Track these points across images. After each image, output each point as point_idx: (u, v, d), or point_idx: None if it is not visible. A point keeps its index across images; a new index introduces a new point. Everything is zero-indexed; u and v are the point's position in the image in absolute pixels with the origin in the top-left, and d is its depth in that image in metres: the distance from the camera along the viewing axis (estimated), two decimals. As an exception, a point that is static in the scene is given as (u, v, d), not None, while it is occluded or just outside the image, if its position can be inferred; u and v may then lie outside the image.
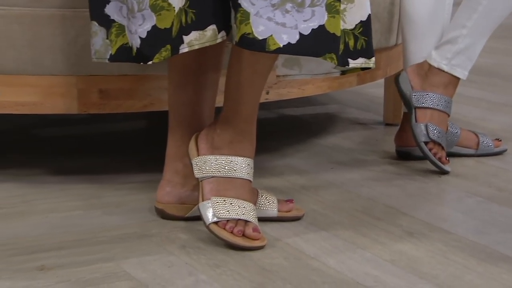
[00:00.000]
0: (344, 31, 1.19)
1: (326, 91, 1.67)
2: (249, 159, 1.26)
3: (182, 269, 1.13)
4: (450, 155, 1.68)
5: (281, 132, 1.91)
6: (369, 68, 1.22)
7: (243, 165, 1.25)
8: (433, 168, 1.61)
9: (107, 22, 1.24)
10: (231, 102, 1.24)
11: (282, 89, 1.58)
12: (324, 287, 1.08)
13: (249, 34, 1.12)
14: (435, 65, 1.62)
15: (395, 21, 1.78)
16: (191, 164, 1.27)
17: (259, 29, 1.12)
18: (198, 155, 1.26)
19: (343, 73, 1.30)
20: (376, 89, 2.35)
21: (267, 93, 1.55)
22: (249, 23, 1.12)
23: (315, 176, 1.57)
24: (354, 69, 1.25)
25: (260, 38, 1.12)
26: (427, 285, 1.10)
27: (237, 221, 1.21)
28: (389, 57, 1.80)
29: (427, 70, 1.63)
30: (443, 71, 1.62)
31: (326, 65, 1.30)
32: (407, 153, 1.69)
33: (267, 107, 2.12)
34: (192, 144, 1.28)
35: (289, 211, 1.33)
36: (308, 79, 1.59)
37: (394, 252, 1.20)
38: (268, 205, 1.31)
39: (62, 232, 1.24)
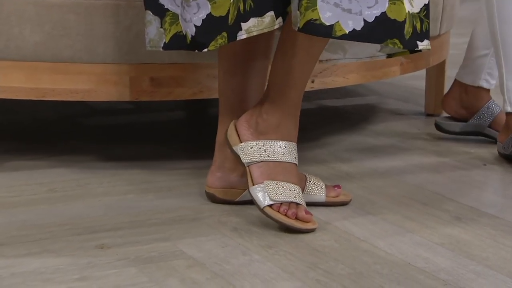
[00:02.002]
0: (412, 15, 1.19)
1: (370, 80, 1.68)
2: (294, 143, 1.28)
3: (236, 249, 1.16)
4: (492, 138, 1.69)
5: (322, 122, 1.93)
6: (420, 51, 1.22)
7: (291, 149, 1.27)
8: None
9: (161, 11, 1.27)
10: (280, 86, 1.26)
11: (327, 78, 1.60)
12: (375, 268, 1.11)
13: (316, 20, 1.13)
14: None
15: (438, 10, 1.79)
16: (233, 151, 1.28)
17: (327, 15, 1.13)
18: (241, 142, 1.28)
19: (389, 56, 1.31)
20: (414, 81, 2.36)
21: (312, 81, 1.57)
22: (316, 9, 1.13)
23: (359, 163, 1.59)
24: (401, 53, 1.26)
25: (327, 24, 1.13)
26: (478, 266, 1.12)
27: (289, 203, 1.24)
28: (432, 47, 1.81)
29: None
30: None
31: (371, 48, 1.31)
32: (444, 125, 1.74)
33: (307, 98, 2.14)
34: (232, 131, 1.28)
35: (336, 196, 1.35)
36: (353, 68, 1.61)
37: (443, 235, 1.22)
38: (317, 190, 1.34)
39: (117, 214, 1.28)
